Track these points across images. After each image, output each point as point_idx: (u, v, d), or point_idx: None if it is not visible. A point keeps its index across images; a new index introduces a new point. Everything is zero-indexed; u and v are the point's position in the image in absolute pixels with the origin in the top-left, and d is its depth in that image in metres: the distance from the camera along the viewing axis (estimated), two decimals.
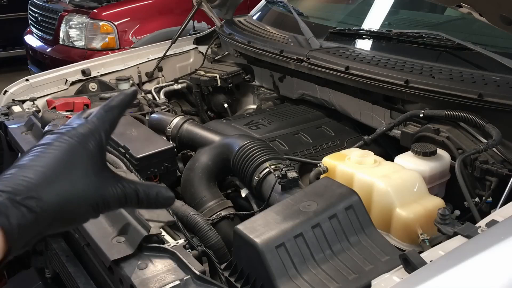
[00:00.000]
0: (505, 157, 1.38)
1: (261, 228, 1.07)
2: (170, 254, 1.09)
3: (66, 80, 2.40)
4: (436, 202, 1.27)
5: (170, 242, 1.16)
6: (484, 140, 1.43)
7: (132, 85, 2.48)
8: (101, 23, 4.48)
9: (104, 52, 4.29)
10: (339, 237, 1.09)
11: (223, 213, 1.53)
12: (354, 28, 2.14)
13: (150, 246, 1.12)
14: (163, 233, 1.21)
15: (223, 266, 1.17)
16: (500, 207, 1.20)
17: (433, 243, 1.15)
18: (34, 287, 1.61)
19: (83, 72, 2.45)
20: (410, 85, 1.60)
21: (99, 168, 0.70)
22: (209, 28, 3.02)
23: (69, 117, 1.80)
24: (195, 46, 2.80)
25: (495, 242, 0.86)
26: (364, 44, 2.06)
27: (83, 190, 0.67)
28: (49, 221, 0.64)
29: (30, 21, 5.46)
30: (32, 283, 1.63)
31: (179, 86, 2.57)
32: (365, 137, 1.65)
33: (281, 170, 1.43)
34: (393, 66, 1.72)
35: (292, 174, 1.42)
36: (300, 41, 2.16)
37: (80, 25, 4.59)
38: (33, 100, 2.21)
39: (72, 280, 1.30)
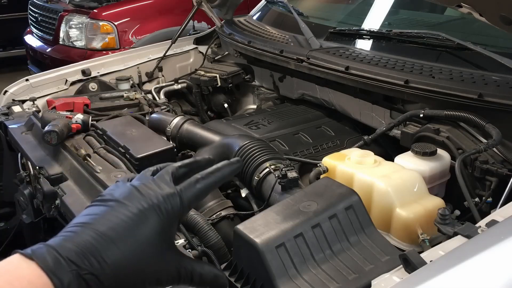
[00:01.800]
0: (505, 157, 1.38)
1: (261, 228, 1.07)
2: None
3: (66, 80, 2.40)
4: (436, 202, 1.27)
5: None
6: (484, 140, 1.43)
7: (132, 85, 2.48)
8: (101, 23, 4.48)
9: (104, 52, 4.29)
10: (339, 237, 1.09)
11: (223, 213, 1.53)
12: (354, 28, 2.14)
13: None
14: None
15: (223, 266, 1.17)
16: (500, 207, 1.20)
17: (433, 243, 1.15)
18: None
19: (83, 72, 2.45)
20: (410, 85, 1.60)
21: (168, 241, 0.67)
22: (209, 28, 3.03)
23: (70, 117, 1.80)
24: (195, 46, 2.80)
25: (495, 242, 0.86)
26: (364, 44, 2.06)
27: (147, 260, 0.64)
28: None
29: (30, 21, 5.46)
30: None
31: (179, 86, 2.57)
32: (365, 137, 1.65)
33: (281, 170, 1.43)
34: (393, 66, 1.72)
35: (292, 174, 1.42)
36: (300, 41, 2.16)
37: (80, 25, 4.59)
38: (33, 100, 2.21)
39: None
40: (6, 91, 2.30)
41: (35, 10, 5.26)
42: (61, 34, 4.71)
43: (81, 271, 0.59)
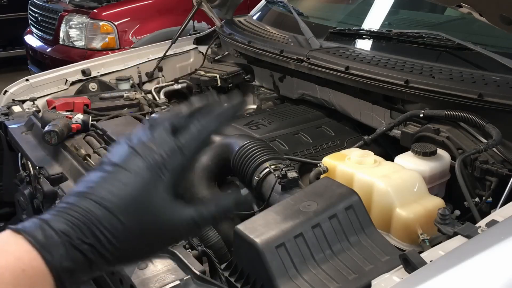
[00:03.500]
0: (505, 157, 1.38)
1: (261, 228, 1.07)
2: (170, 254, 1.09)
3: (66, 80, 2.40)
4: (436, 202, 1.27)
5: None
6: (484, 140, 1.43)
7: (132, 85, 2.48)
8: (101, 23, 4.48)
9: (104, 52, 4.29)
10: (339, 237, 1.09)
11: None
12: (354, 28, 2.14)
13: None
14: None
15: (223, 266, 1.17)
16: (500, 207, 1.20)
17: (433, 243, 1.15)
18: None
19: (83, 72, 2.45)
20: (410, 85, 1.60)
21: (177, 203, 0.63)
22: (209, 28, 3.03)
23: (70, 117, 1.80)
24: (195, 46, 2.80)
25: (495, 242, 0.86)
26: (364, 44, 2.06)
27: (160, 223, 0.61)
28: (113, 261, 0.59)
29: (30, 21, 5.46)
30: None
31: (179, 86, 2.56)
32: (365, 137, 1.65)
33: (281, 170, 1.43)
34: (393, 66, 1.72)
35: (292, 174, 1.42)
36: (300, 41, 2.16)
37: (80, 25, 4.59)
38: (33, 100, 2.21)
39: None
40: (6, 91, 2.30)
41: (35, 10, 5.26)
42: (61, 34, 4.72)
43: (76, 242, 0.55)
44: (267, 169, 1.51)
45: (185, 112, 0.69)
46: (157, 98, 2.45)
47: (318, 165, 1.46)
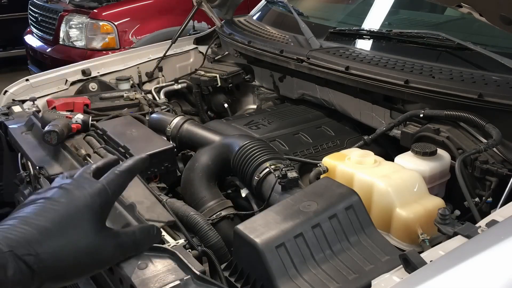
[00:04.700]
0: (505, 157, 1.38)
1: (261, 228, 1.07)
2: (170, 254, 1.08)
3: (66, 80, 2.40)
4: (436, 202, 1.27)
5: (170, 242, 1.16)
6: (484, 140, 1.43)
7: (132, 85, 2.48)
8: (101, 23, 4.49)
9: (104, 52, 4.30)
10: (339, 237, 1.09)
11: (223, 213, 1.53)
12: (354, 28, 2.14)
13: None
14: (163, 233, 1.21)
15: (223, 266, 1.17)
16: (500, 207, 1.20)
17: (433, 243, 1.15)
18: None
19: (83, 72, 2.45)
20: (410, 85, 1.60)
21: (100, 228, 0.73)
22: (209, 28, 3.02)
23: (70, 117, 1.80)
24: (195, 46, 2.80)
25: (495, 242, 0.86)
26: (364, 44, 2.06)
27: (82, 250, 0.69)
28: (44, 278, 0.65)
29: (30, 21, 5.46)
30: None
31: (179, 86, 2.57)
32: (365, 137, 1.65)
33: (281, 170, 1.43)
34: (393, 66, 1.72)
35: (292, 174, 1.42)
36: (300, 41, 2.16)
37: (80, 25, 4.60)
38: (33, 100, 2.21)
39: None
40: (6, 91, 2.29)
41: (35, 10, 5.27)
42: (61, 34, 4.72)
43: (19, 253, 0.61)
44: (267, 169, 1.51)
45: (102, 164, 0.85)
46: (157, 98, 2.45)
47: (318, 165, 1.46)
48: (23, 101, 2.23)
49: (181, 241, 1.16)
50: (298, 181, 1.45)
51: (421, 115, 1.56)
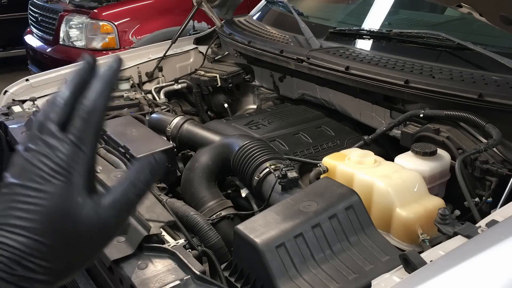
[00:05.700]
0: (505, 157, 1.38)
1: (261, 228, 1.07)
2: (170, 254, 1.09)
3: (66, 80, 2.40)
4: (436, 202, 1.27)
5: (170, 242, 1.16)
6: (484, 140, 1.43)
7: (132, 85, 2.48)
8: (101, 23, 4.48)
9: (104, 52, 4.29)
10: (339, 237, 1.09)
11: (223, 213, 1.53)
12: (354, 28, 2.14)
13: (150, 246, 1.12)
14: (163, 233, 1.21)
15: (223, 266, 1.17)
16: (500, 207, 1.20)
17: (433, 243, 1.15)
18: None
19: None
20: (410, 85, 1.60)
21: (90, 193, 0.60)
22: (209, 28, 3.03)
23: None
24: (195, 46, 2.80)
25: (495, 242, 0.86)
26: (364, 44, 2.06)
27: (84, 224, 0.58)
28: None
29: (30, 21, 5.46)
30: None
31: (179, 86, 2.57)
32: (365, 137, 1.65)
33: (281, 170, 1.43)
34: (393, 66, 1.72)
35: (292, 174, 1.42)
36: (300, 41, 2.16)
37: (80, 25, 4.59)
38: (33, 100, 2.21)
39: (72, 280, 1.30)
40: (6, 91, 2.29)
41: (35, 10, 5.26)
42: (61, 34, 4.72)
43: (5, 276, 0.53)
44: (267, 169, 1.51)
45: (65, 99, 0.64)
46: (157, 98, 2.45)
47: (318, 165, 1.46)
48: (23, 101, 2.23)
49: (181, 241, 1.16)
50: (298, 181, 1.45)
51: (421, 115, 1.56)
